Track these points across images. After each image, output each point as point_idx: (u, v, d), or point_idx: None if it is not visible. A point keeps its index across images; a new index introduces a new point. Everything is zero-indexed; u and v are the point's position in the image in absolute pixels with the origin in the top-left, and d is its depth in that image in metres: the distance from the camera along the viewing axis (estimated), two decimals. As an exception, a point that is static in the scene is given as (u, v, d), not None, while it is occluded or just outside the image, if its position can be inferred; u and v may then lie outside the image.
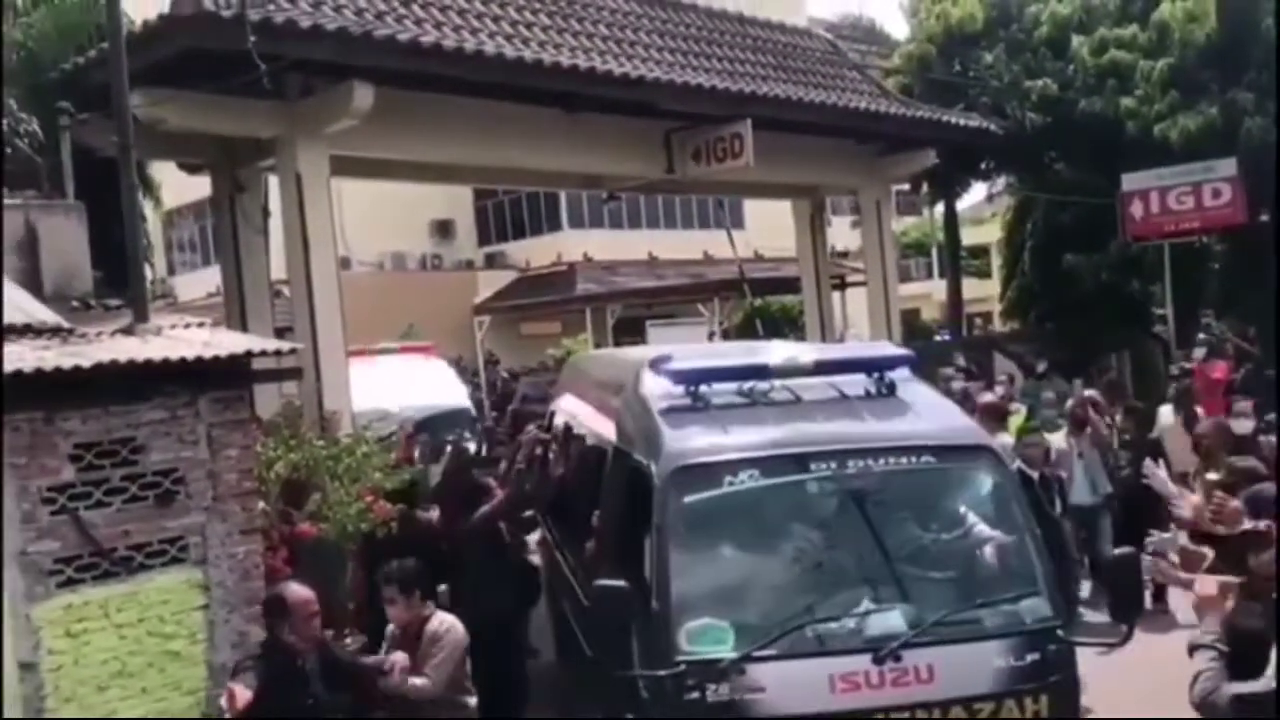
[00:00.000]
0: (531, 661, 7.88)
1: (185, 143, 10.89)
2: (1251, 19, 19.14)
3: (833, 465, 4.91)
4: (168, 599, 5.76)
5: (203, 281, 22.95)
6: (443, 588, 6.97)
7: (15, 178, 8.16)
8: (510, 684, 6.96)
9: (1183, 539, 6.32)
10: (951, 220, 25.54)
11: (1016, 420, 10.55)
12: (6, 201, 7.03)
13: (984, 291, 32.75)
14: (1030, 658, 4.60)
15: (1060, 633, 4.73)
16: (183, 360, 5.72)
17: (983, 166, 23.46)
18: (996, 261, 29.93)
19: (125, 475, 5.68)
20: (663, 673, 4.48)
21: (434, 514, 8.00)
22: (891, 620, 4.59)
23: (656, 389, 5.43)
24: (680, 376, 5.37)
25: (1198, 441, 8.52)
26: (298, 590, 5.22)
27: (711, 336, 22.26)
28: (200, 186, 12.98)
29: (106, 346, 5.83)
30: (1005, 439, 8.58)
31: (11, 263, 6.81)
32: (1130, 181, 18.99)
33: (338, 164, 10.74)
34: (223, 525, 5.95)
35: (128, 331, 6.24)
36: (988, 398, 10.93)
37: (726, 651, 4.46)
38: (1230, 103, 19.13)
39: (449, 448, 9.40)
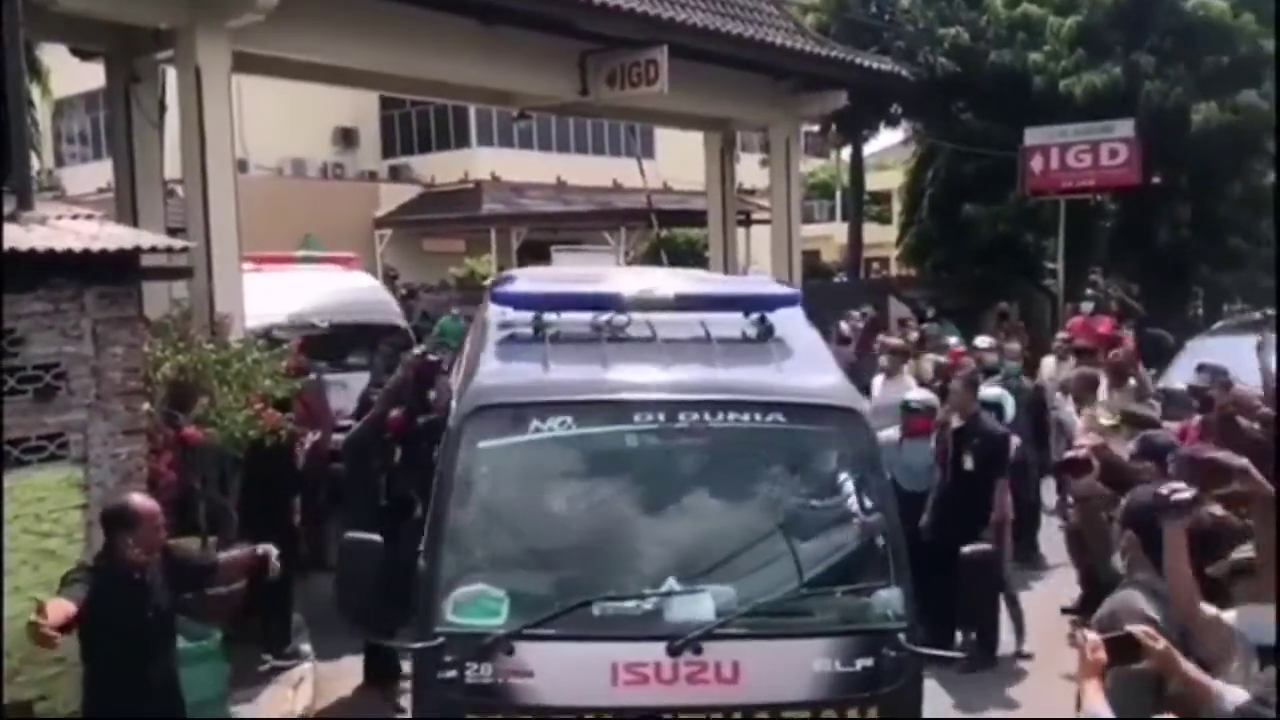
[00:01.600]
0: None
1: (79, 26, 10.40)
2: (1159, -17, 19.56)
3: (660, 417, 4.22)
4: (45, 496, 5.62)
5: (93, 176, 22.08)
6: None
7: (-109, 49, 7.69)
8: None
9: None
10: (857, 164, 25.80)
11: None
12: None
13: (884, 237, 33.23)
14: (861, 663, 3.92)
15: (903, 636, 4.00)
16: (69, 252, 5.52)
17: (891, 111, 23.68)
18: (897, 208, 30.39)
19: (4, 368, 5.49)
20: (415, 644, 3.96)
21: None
22: (697, 605, 3.88)
23: (499, 316, 4.86)
24: (518, 301, 4.78)
25: (1064, 387, 8.95)
26: (144, 501, 4.79)
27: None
28: (94, 75, 12.43)
29: (-13, 232, 5.58)
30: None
31: (-115, 140, 6.46)
32: (1032, 136, 19.37)
33: (240, 60, 10.37)
34: (105, 424, 5.80)
35: (11, 219, 5.98)
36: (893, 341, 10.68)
37: (495, 625, 3.83)
38: (1133, 64, 19.60)
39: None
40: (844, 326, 13.41)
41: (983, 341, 11.93)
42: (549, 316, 4.66)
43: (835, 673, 3.89)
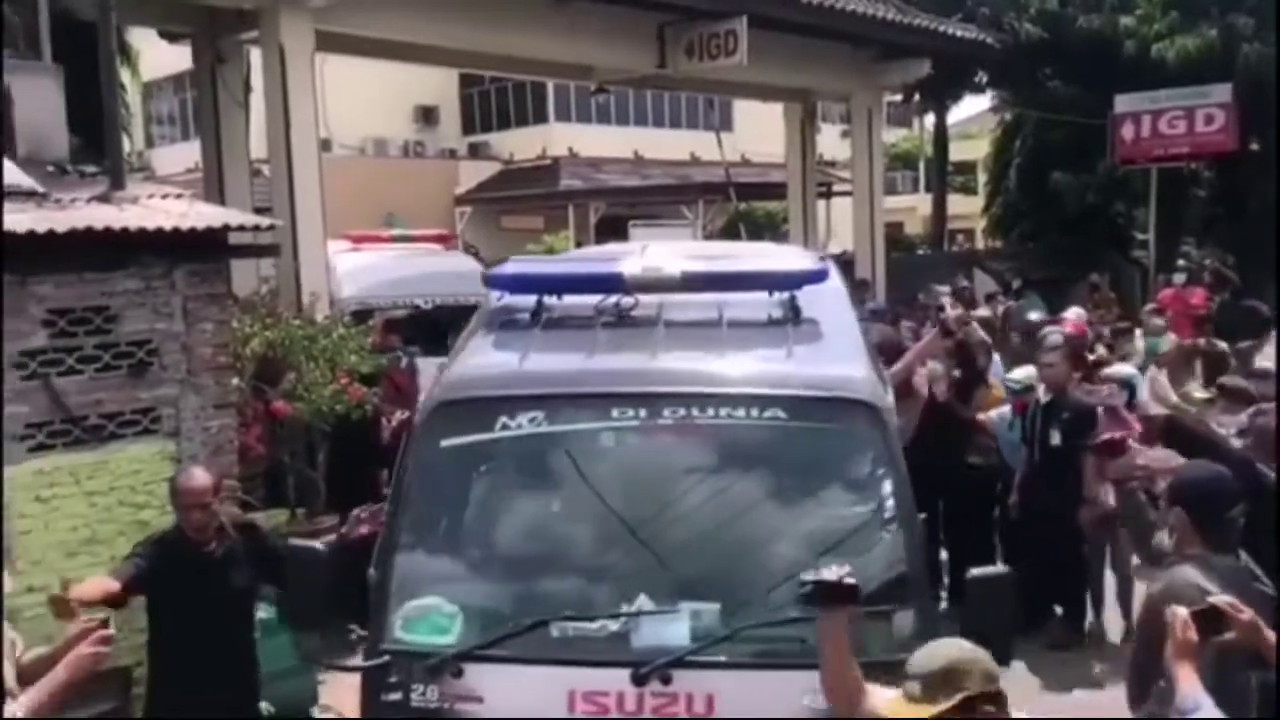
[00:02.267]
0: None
1: (167, 8, 10.65)
2: (1257, -59, 18.85)
3: (641, 413, 3.72)
4: (139, 469, 5.76)
5: (182, 156, 22.52)
6: None
7: (-11, 35, 7.93)
8: None
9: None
10: (941, 134, 25.34)
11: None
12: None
13: (969, 208, 32.61)
14: None
15: None
16: (159, 230, 5.64)
17: (976, 79, 23.20)
18: (983, 178, 29.80)
19: (98, 344, 5.64)
20: (361, 663, 3.61)
21: None
22: (669, 628, 3.40)
23: (494, 301, 4.49)
24: (513, 285, 4.37)
25: (1160, 361, 8.68)
26: (188, 476, 4.75)
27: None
28: (182, 58, 12.68)
29: (82, 213, 5.73)
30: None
31: (-16, 124, 6.65)
32: (1123, 103, 18.83)
33: (323, 39, 10.50)
34: (196, 398, 5.94)
35: (104, 199, 6.14)
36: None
37: (444, 644, 3.46)
38: (1229, 27, 18.92)
39: None
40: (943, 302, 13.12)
41: (1076, 313, 11.62)
42: (549, 301, 4.25)
43: (827, 709, 3.29)
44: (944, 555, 7.84)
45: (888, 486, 3.66)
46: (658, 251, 4.37)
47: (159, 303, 5.83)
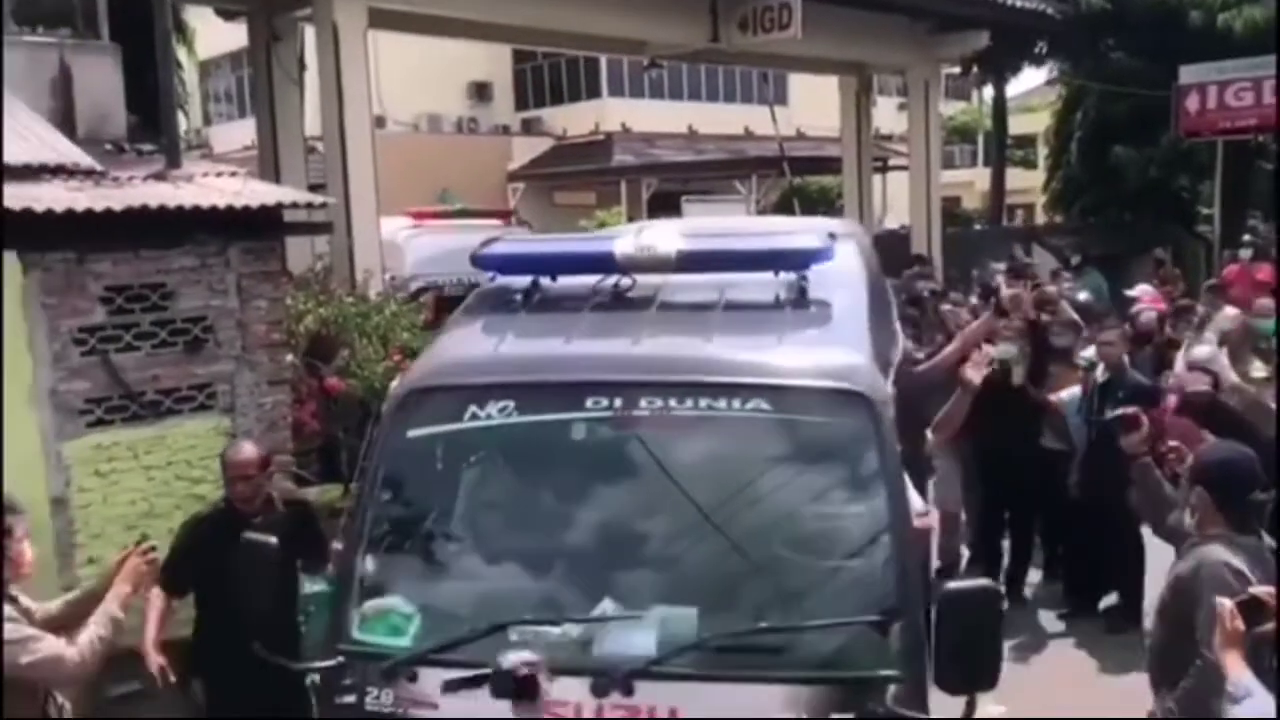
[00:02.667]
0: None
1: (222, -14, 10.70)
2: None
3: (616, 403, 3.47)
4: (195, 444, 5.85)
5: (238, 134, 22.77)
6: None
7: (49, 15, 8.03)
8: None
9: None
10: (1000, 106, 24.92)
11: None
12: (40, 39, 6.93)
13: (1028, 182, 32.11)
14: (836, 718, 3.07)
15: (894, 690, 3.07)
16: (214, 208, 5.69)
17: (1036, 51, 22.76)
18: (1042, 152, 29.30)
19: (155, 320, 5.71)
20: (315, 664, 3.46)
21: None
22: (635, 636, 3.16)
23: (485, 283, 4.31)
24: (501, 265, 4.18)
25: (1223, 340, 8.41)
26: (235, 449, 4.85)
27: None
28: (237, 35, 12.78)
29: (139, 191, 5.80)
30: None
31: (44, 102, 6.75)
32: (1188, 74, 18.37)
33: (376, 16, 10.53)
34: (251, 375, 6.00)
35: (160, 177, 6.21)
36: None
37: (400, 646, 3.29)
38: (1299, -5, 18.36)
39: None
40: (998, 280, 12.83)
41: (1144, 289, 11.37)
42: (546, 282, 4.04)
43: None
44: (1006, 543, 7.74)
45: (879, 486, 3.34)
46: (656, 229, 4.05)
47: (214, 280, 5.90)
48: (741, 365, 3.53)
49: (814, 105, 23.13)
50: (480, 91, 28.27)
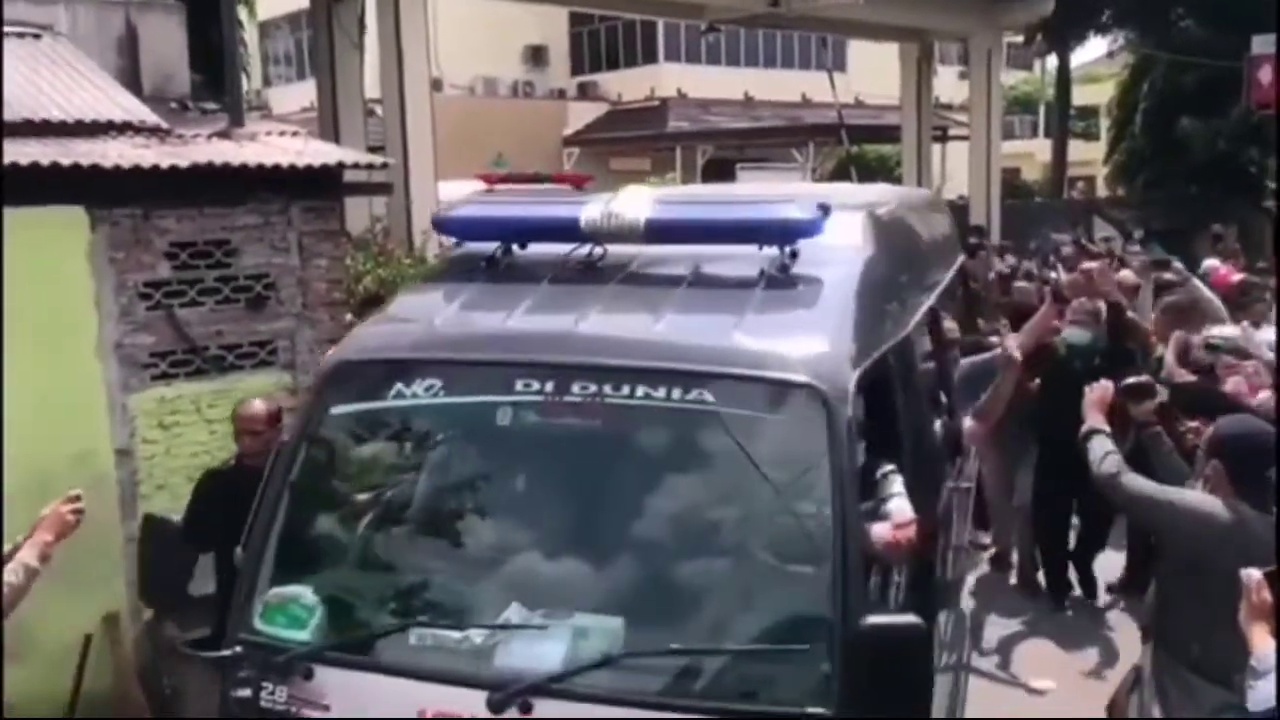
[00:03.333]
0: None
1: (283, -52, 10.74)
2: None
3: (548, 387, 3.11)
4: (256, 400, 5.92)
5: (298, 95, 22.96)
6: None
7: (115, -26, 8.13)
8: None
9: None
10: (1063, 76, 24.47)
11: None
12: (107, -2, 7.02)
13: (1090, 154, 31.55)
14: None
15: None
16: (277, 166, 5.74)
17: (1103, 19, 22.32)
18: (1105, 123, 28.76)
19: (219, 277, 5.78)
20: (211, 652, 3.25)
21: None
22: (539, 648, 2.84)
23: (456, 245, 3.98)
24: (458, 228, 3.88)
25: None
26: (246, 404, 4.88)
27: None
28: (297, -3, 12.87)
29: (203, 148, 5.86)
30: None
31: (110, 60, 6.84)
32: (1260, 44, 17.88)
33: (435, -22, 10.55)
34: (311, 332, 6.06)
35: (224, 135, 6.28)
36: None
37: (297, 640, 3.03)
38: (1380, -37, 17.80)
39: None
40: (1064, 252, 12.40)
41: (1212, 265, 11.09)
42: (516, 251, 3.70)
43: None
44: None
45: (826, 495, 2.89)
46: (630, 194, 3.62)
47: (276, 238, 5.95)
48: (686, 350, 3.10)
49: (873, 72, 22.84)
50: (536, 55, 28.25)
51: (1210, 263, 10.83)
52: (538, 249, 3.65)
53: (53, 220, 5.24)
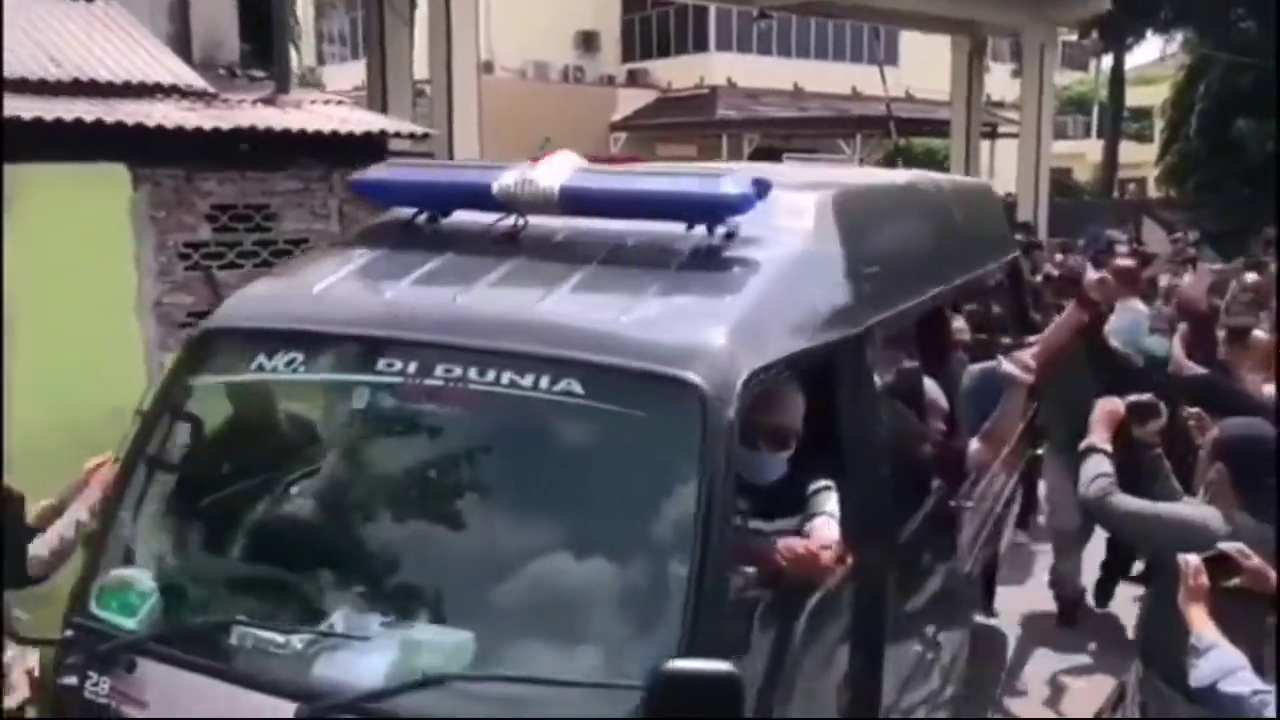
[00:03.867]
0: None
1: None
2: None
3: (410, 368, 2.80)
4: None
5: (350, 74, 23.13)
6: None
7: (170, -58, 8.23)
8: None
9: None
10: (1118, 75, 24.15)
11: None
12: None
13: (1142, 156, 31.10)
14: None
15: None
16: (319, 133, 5.79)
17: (1161, 17, 21.99)
18: (1158, 125, 28.36)
19: (258, 240, 5.84)
20: (39, 636, 3.09)
21: None
22: (364, 661, 2.53)
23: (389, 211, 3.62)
24: (370, 190, 3.58)
25: None
26: None
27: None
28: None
29: (248, 113, 5.93)
30: None
31: (161, 26, 6.94)
32: (1323, 46, 17.59)
33: (486, -43, 10.58)
34: (347, 300, 6.12)
35: (269, 102, 6.35)
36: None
37: (128, 627, 2.77)
38: None
39: None
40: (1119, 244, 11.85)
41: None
42: (442, 220, 3.39)
43: None
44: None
45: (690, 508, 2.49)
46: (556, 161, 3.28)
47: (316, 204, 6.01)
48: (563, 334, 2.72)
49: (924, 66, 22.66)
50: (588, 41, 28.28)
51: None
52: (465, 218, 3.30)
53: (96, 177, 5.32)
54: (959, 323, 5.21)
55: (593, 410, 2.66)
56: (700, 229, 3.00)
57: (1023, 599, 6.42)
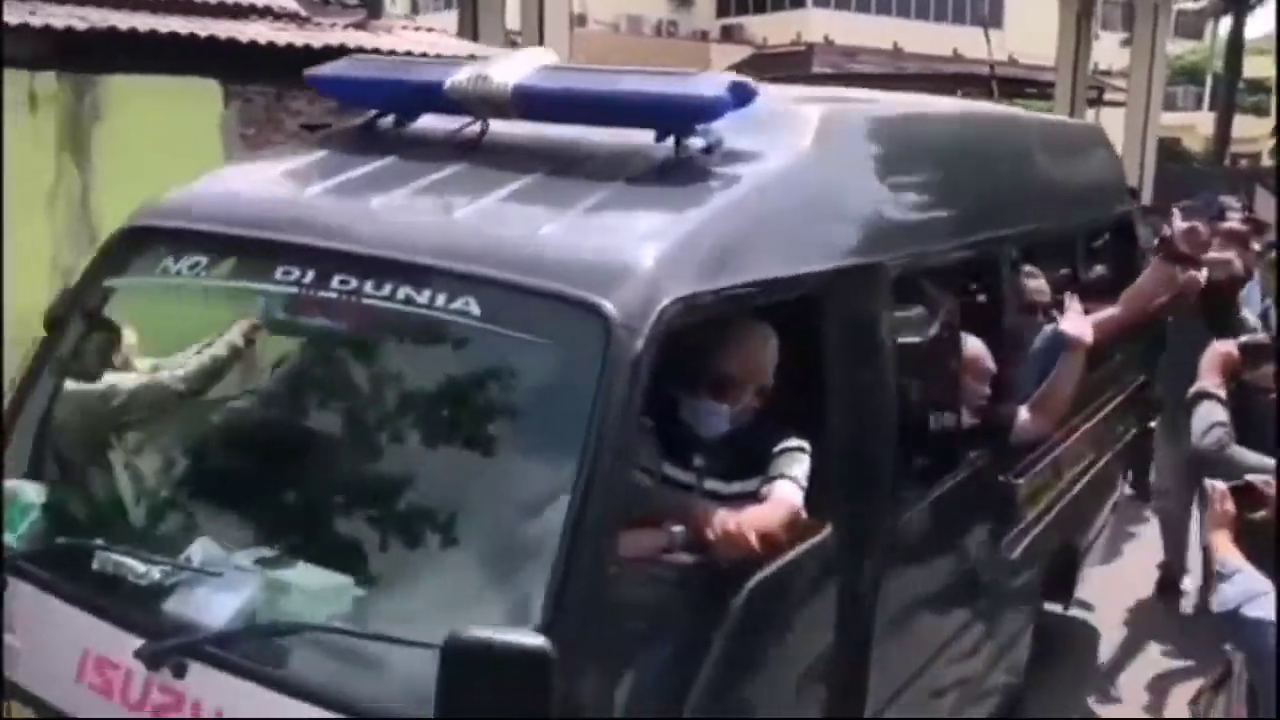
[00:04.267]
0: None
1: None
2: None
3: (307, 277, 2.50)
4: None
5: (442, 23, 23.23)
6: None
7: None
8: None
9: None
10: (1236, 42, 23.22)
11: None
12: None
13: (1256, 129, 29.94)
14: None
15: None
16: (409, 53, 5.76)
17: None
18: (1275, 100, 27.27)
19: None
20: None
21: None
22: (216, 599, 2.28)
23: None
24: (324, 85, 3.24)
25: None
26: None
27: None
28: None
29: (338, 34, 5.94)
30: None
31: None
32: None
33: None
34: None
35: (360, 25, 6.35)
36: None
37: (8, 544, 2.55)
38: None
39: None
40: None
41: None
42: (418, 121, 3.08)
43: None
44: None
45: (578, 449, 2.14)
46: (524, 57, 2.95)
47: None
48: (469, 247, 2.42)
49: (1029, 31, 22.04)
50: (683, -5, 28.06)
51: None
52: (431, 123, 3.01)
53: (189, 91, 5.36)
54: (1036, 281, 4.48)
55: (489, 333, 2.34)
56: (672, 140, 2.64)
57: (1129, 590, 5.74)
